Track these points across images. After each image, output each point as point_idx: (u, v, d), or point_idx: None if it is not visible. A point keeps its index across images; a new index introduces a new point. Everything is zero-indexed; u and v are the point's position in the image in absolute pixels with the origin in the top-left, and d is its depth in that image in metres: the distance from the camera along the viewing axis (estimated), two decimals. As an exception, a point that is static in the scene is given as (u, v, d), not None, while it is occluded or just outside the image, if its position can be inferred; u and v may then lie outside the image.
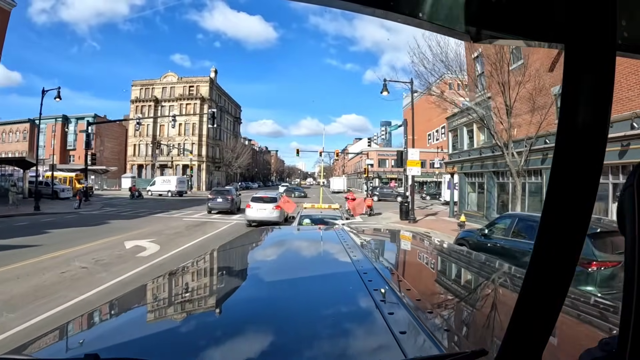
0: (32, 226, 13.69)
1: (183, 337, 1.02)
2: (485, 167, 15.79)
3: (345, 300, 1.25)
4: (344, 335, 0.99)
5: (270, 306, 1.20)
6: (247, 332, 1.02)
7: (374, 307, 1.07)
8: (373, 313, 1.04)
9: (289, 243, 2.51)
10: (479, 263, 2.13)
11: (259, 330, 1.03)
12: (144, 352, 0.90)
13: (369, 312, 1.08)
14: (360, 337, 1.00)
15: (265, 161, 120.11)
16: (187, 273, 1.82)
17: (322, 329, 1.03)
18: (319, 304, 1.23)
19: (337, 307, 1.20)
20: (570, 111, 0.53)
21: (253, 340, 0.98)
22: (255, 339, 0.99)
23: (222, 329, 1.07)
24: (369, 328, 1.02)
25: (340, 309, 1.19)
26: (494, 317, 1.18)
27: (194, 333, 1.04)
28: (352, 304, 1.22)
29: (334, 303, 1.23)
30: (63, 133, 59.08)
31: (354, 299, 1.24)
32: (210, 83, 58.82)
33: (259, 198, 15.67)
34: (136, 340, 0.99)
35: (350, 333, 1.01)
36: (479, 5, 0.59)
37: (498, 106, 10.63)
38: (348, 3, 0.56)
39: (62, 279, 6.85)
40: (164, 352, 0.92)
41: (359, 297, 1.22)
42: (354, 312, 1.17)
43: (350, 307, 1.21)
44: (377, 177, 56.51)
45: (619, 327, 0.51)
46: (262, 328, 1.04)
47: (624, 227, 0.50)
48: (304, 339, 0.98)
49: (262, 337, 1.00)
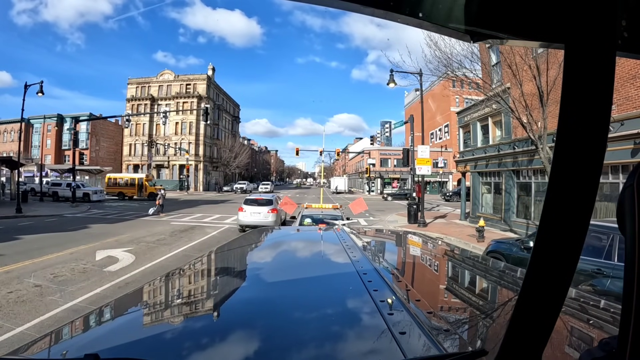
0: (4, 231, 12.40)
1: (182, 338, 1.01)
2: (504, 165, 14.34)
3: (345, 301, 1.25)
4: (343, 336, 1.00)
5: (269, 307, 1.19)
6: (247, 333, 1.02)
7: (374, 307, 1.07)
8: (373, 313, 1.04)
9: (288, 244, 2.53)
10: (478, 264, 2.16)
11: (258, 331, 1.04)
12: (143, 352, 0.91)
13: (369, 313, 1.08)
14: (360, 337, 0.99)
15: (264, 161, 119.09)
16: (186, 274, 1.80)
17: (322, 330, 1.03)
18: (318, 304, 1.23)
19: (337, 307, 1.20)
20: (570, 111, 0.54)
21: (252, 341, 0.98)
22: (255, 340, 0.99)
23: (221, 329, 1.06)
24: (369, 328, 1.02)
25: (340, 310, 1.19)
26: (494, 317, 1.20)
27: (194, 334, 1.03)
28: (352, 305, 1.22)
29: (334, 304, 1.23)
30: (58, 133, 58.15)
31: (354, 300, 1.24)
32: (207, 81, 57.71)
33: (253, 200, 14.26)
34: (136, 341, 1.00)
35: (350, 333, 1.01)
36: (479, 5, 0.58)
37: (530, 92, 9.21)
38: (348, 3, 0.56)
39: (4, 302, 5.56)
40: (163, 353, 0.92)
41: (358, 298, 1.22)
42: (354, 312, 1.17)
43: (350, 307, 1.21)
44: (379, 177, 55.31)
45: (619, 327, 0.51)
46: (262, 329, 1.05)
47: (624, 227, 0.51)
48: (304, 340, 0.98)
49: (261, 337, 1.00)
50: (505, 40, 0.62)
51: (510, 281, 1.68)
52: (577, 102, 0.53)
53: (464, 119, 18.38)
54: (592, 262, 4.37)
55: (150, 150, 54.23)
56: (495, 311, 1.28)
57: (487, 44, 0.66)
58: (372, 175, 48.41)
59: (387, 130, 63.66)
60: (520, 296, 0.59)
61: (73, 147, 24.38)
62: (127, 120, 28.11)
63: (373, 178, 52.64)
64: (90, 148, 56.84)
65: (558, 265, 0.56)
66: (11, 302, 5.59)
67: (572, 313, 1.18)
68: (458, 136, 20.00)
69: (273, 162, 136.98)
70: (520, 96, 9.43)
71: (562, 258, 0.56)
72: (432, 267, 2.00)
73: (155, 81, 58.60)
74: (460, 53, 10.47)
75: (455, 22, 0.59)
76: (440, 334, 0.93)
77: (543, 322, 0.58)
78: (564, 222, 0.55)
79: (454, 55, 10.12)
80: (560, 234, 0.55)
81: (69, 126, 54.23)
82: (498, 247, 6.75)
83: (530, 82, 9.09)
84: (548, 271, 0.57)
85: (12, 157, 29.43)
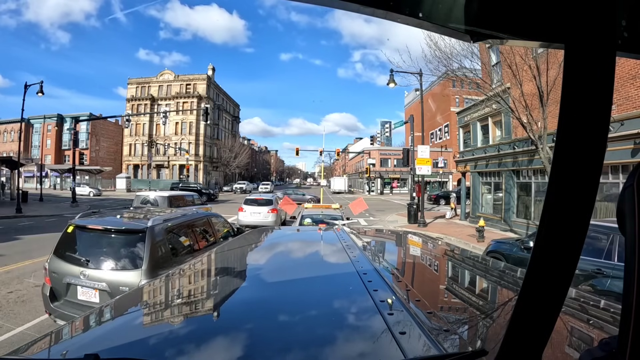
0: (4, 231, 12.31)
1: (182, 338, 1.01)
2: (504, 165, 14.34)
3: (345, 301, 1.25)
4: (343, 336, 0.99)
5: (269, 307, 1.19)
6: (247, 333, 1.02)
7: (373, 307, 1.07)
8: (373, 313, 1.04)
9: (288, 244, 2.52)
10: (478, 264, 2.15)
11: (258, 330, 1.03)
12: (143, 352, 0.91)
13: (369, 313, 1.08)
14: (360, 337, 0.99)
15: (264, 161, 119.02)
16: (186, 274, 1.79)
17: (322, 330, 1.03)
18: (318, 304, 1.23)
19: (337, 307, 1.20)
20: (570, 111, 0.54)
21: (253, 341, 0.98)
22: (255, 340, 0.99)
23: (221, 329, 1.06)
24: (369, 328, 1.02)
25: (340, 310, 1.19)
26: (494, 317, 1.20)
27: (194, 334, 1.03)
28: (352, 305, 1.21)
29: (334, 304, 1.23)
30: (58, 133, 58.13)
31: (353, 300, 1.24)
32: (207, 81, 57.76)
33: (253, 200, 14.22)
34: (136, 341, 1.00)
35: (350, 334, 1.01)
36: (479, 5, 0.58)
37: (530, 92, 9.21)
38: (348, 3, 0.56)
39: (5, 302, 5.58)
40: (163, 353, 0.92)
41: (358, 298, 1.22)
42: (354, 312, 1.16)
43: (350, 307, 1.20)
44: (379, 177, 55.27)
45: (619, 327, 0.51)
46: (262, 329, 1.04)
47: (624, 227, 0.51)
48: (304, 340, 0.98)
49: (261, 337, 1.00)
50: (505, 40, 0.62)
51: (510, 281, 1.67)
52: (577, 102, 0.53)
53: (464, 119, 18.36)
54: (592, 262, 4.37)
55: (150, 150, 54.20)
56: (495, 311, 1.27)
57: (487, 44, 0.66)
58: (372, 175, 48.38)
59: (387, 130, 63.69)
60: (520, 296, 0.59)
61: (73, 147, 24.38)
62: (127, 120, 28.13)
63: (373, 178, 52.59)
64: (90, 148, 56.83)
65: (558, 265, 0.56)
66: (11, 302, 5.59)
67: (572, 313, 1.18)
68: (458, 136, 19.99)
69: (273, 162, 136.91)
70: (520, 96, 9.43)
71: (562, 258, 0.56)
72: (432, 267, 1.99)
73: (155, 81, 58.65)
74: (460, 53, 10.49)
75: (455, 22, 0.59)
76: (440, 334, 0.93)
77: (543, 322, 0.58)
78: (564, 222, 0.55)
79: (454, 55, 10.11)
80: (560, 234, 0.55)
81: (69, 126, 54.18)
82: (498, 247, 6.74)
83: (530, 82, 9.09)
84: (548, 271, 0.56)
85: (12, 157, 29.41)
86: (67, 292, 3.80)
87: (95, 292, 3.66)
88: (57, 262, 3.92)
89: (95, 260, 3.79)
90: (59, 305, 3.81)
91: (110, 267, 3.74)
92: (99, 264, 3.75)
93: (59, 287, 3.85)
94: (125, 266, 3.75)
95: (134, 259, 3.76)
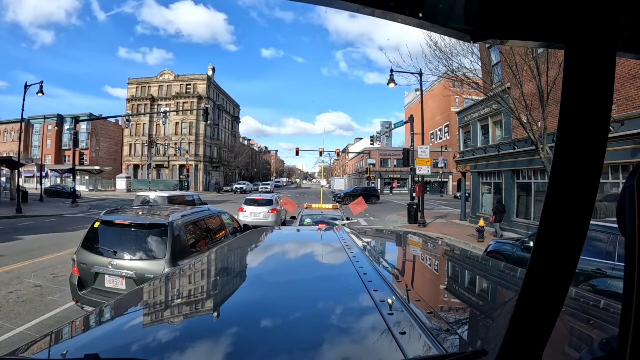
0: (4, 231, 12.31)
1: (182, 338, 1.01)
2: (504, 165, 14.34)
3: (345, 301, 1.24)
4: (343, 336, 0.99)
5: (269, 307, 1.19)
6: (247, 333, 1.02)
7: (373, 307, 1.07)
8: (373, 313, 1.04)
9: (288, 244, 2.52)
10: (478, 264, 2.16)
11: (258, 331, 1.03)
12: (143, 352, 0.91)
13: (369, 313, 1.07)
14: (360, 337, 0.99)
15: (264, 161, 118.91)
16: (186, 274, 1.80)
17: (322, 330, 1.03)
18: (318, 304, 1.23)
19: (337, 307, 1.19)
20: (570, 111, 0.53)
21: (253, 341, 0.98)
22: (255, 340, 0.98)
23: (221, 329, 1.06)
24: (369, 328, 1.01)
25: (340, 310, 1.18)
26: (494, 317, 1.20)
27: (194, 334, 1.03)
28: (352, 305, 1.21)
29: (334, 304, 1.22)
30: (58, 133, 58.16)
31: (354, 300, 1.24)
32: (207, 81, 57.67)
33: (253, 200, 14.25)
34: (136, 341, 0.99)
35: (350, 334, 1.00)
36: (479, 5, 0.58)
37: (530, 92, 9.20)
38: (347, 3, 0.56)
39: (5, 302, 5.55)
40: (163, 353, 0.92)
41: (358, 298, 1.22)
42: (354, 312, 1.16)
43: (350, 307, 1.20)
44: (379, 176, 55.30)
45: (619, 327, 0.51)
46: (262, 329, 1.04)
47: (624, 227, 0.51)
48: (304, 340, 0.97)
49: (261, 338, 0.99)
50: (505, 40, 0.61)
51: (510, 281, 1.67)
52: (577, 102, 0.53)
53: (464, 119, 18.36)
54: (592, 262, 4.37)
55: (150, 150, 54.15)
56: (495, 311, 1.27)
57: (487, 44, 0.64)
58: (372, 175, 48.40)
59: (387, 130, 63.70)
60: (520, 296, 0.59)
61: (73, 147, 24.35)
62: (127, 120, 28.14)
63: (373, 178, 52.61)
64: (90, 148, 56.87)
65: (558, 265, 0.56)
66: (11, 302, 5.56)
67: (572, 313, 1.17)
68: (458, 136, 19.98)
69: (273, 162, 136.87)
70: (520, 96, 9.42)
71: (562, 258, 0.56)
72: (432, 267, 1.99)
73: (155, 81, 58.54)
74: (460, 53, 10.49)
75: (455, 22, 0.59)
76: (440, 334, 0.93)
77: (543, 322, 0.58)
78: (564, 222, 0.54)
79: (454, 55, 10.11)
80: (560, 234, 0.55)
81: (68, 126, 54.25)
82: (498, 247, 6.74)
83: (530, 82, 9.09)
84: (548, 271, 0.56)
85: (12, 157, 29.38)
86: (95, 281, 4.19)
87: (122, 280, 4.01)
88: (85, 254, 4.30)
89: (122, 251, 4.17)
90: (87, 292, 4.17)
91: (136, 257, 4.14)
92: (126, 255, 4.14)
93: (86, 276, 4.21)
94: (150, 256, 4.14)
95: (157, 250, 4.15)
